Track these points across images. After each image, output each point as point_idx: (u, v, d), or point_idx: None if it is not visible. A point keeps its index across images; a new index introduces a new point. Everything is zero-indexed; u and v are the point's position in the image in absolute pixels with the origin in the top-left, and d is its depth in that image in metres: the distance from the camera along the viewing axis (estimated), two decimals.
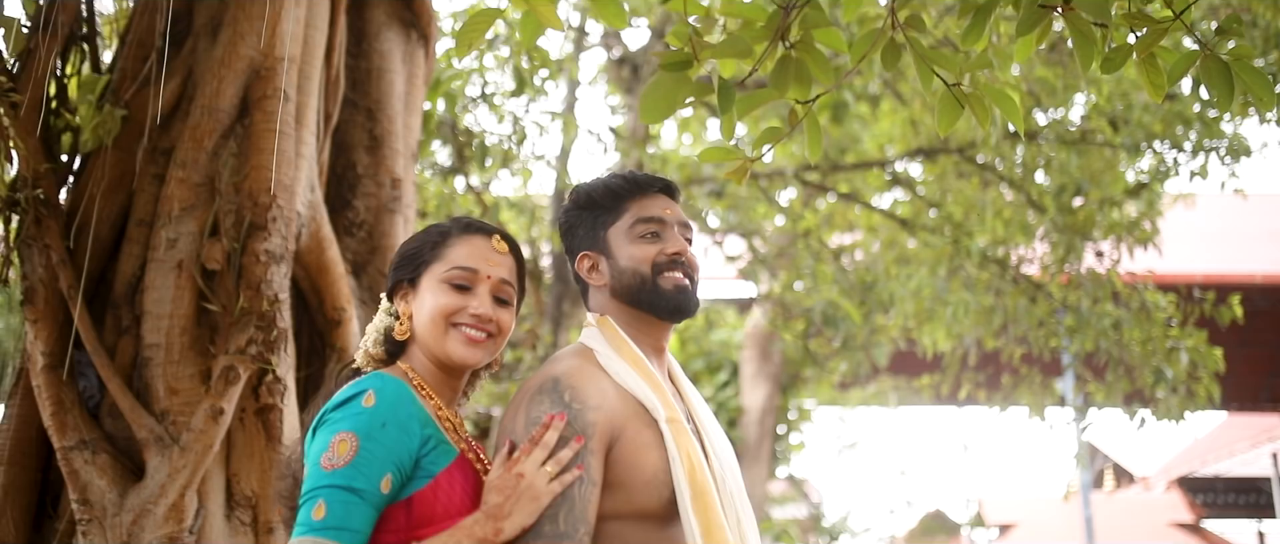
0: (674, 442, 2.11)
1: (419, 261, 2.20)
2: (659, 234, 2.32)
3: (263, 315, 3.60)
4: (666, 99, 3.22)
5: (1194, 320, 7.90)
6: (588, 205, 2.37)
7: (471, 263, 2.16)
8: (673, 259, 2.29)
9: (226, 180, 3.65)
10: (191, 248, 3.62)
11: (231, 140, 3.69)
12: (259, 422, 3.64)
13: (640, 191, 2.36)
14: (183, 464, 3.42)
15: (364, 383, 2.01)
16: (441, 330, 2.12)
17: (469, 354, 2.12)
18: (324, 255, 3.95)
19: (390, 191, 4.21)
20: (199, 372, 3.57)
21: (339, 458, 1.91)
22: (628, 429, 2.10)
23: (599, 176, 2.44)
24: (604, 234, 2.33)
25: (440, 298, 2.13)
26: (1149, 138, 8.04)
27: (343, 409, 1.97)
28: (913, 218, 8.79)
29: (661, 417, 2.13)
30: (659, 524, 2.10)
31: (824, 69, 3.20)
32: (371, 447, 1.92)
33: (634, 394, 2.14)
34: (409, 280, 2.21)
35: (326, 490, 1.89)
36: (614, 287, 2.30)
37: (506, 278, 2.19)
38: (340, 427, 1.94)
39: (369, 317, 4.16)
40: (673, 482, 2.08)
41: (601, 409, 2.07)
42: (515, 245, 2.27)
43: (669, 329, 2.35)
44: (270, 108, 3.69)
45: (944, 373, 9.98)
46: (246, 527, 3.63)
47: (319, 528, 1.86)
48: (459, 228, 2.23)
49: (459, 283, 2.14)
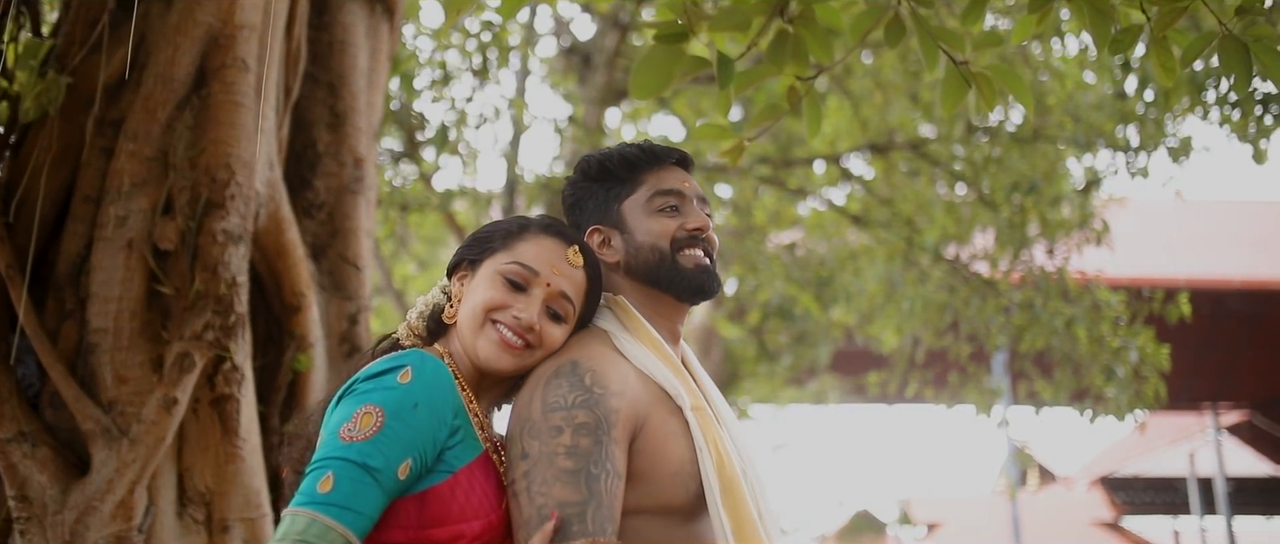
0: (700, 431, 1.95)
1: (487, 247, 2.02)
2: (678, 208, 2.15)
3: (220, 299, 3.37)
4: (660, 73, 3.07)
5: (1142, 318, 7.96)
6: (599, 176, 2.20)
7: (535, 264, 1.97)
8: (693, 235, 2.13)
9: (181, 155, 3.42)
10: (143, 226, 3.38)
11: (187, 112, 3.46)
12: (215, 413, 3.41)
13: (657, 162, 2.20)
14: (132, 458, 3.19)
15: (403, 358, 1.82)
16: (478, 324, 1.94)
17: (497, 357, 1.92)
18: (283, 237, 3.73)
19: (352, 171, 3.99)
20: (150, 359, 3.33)
21: (360, 431, 1.72)
22: (652, 417, 1.93)
23: (610, 147, 2.27)
24: (618, 207, 2.16)
25: (490, 290, 1.95)
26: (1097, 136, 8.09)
27: (375, 381, 1.78)
28: (864, 213, 8.74)
29: (686, 404, 1.97)
30: (683, 520, 1.94)
31: (823, 46, 3.08)
32: (397, 426, 1.73)
33: (655, 380, 1.98)
34: (471, 262, 2.03)
35: (339, 463, 1.69)
36: (629, 264, 2.13)
37: (568, 293, 1.99)
38: (368, 398, 1.75)
39: (329, 303, 3.95)
40: (700, 474, 1.93)
41: (624, 396, 1.90)
42: (593, 264, 2.06)
43: (686, 311, 2.19)
44: (229, 78, 3.46)
45: (891, 370, 9.97)
46: (200, 525, 3.40)
47: (321, 501, 1.67)
48: (539, 225, 2.04)
49: (514, 279, 1.95)
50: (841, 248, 9.13)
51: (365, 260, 4.02)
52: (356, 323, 3.95)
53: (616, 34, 7.46)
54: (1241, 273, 16.84)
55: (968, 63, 2.89)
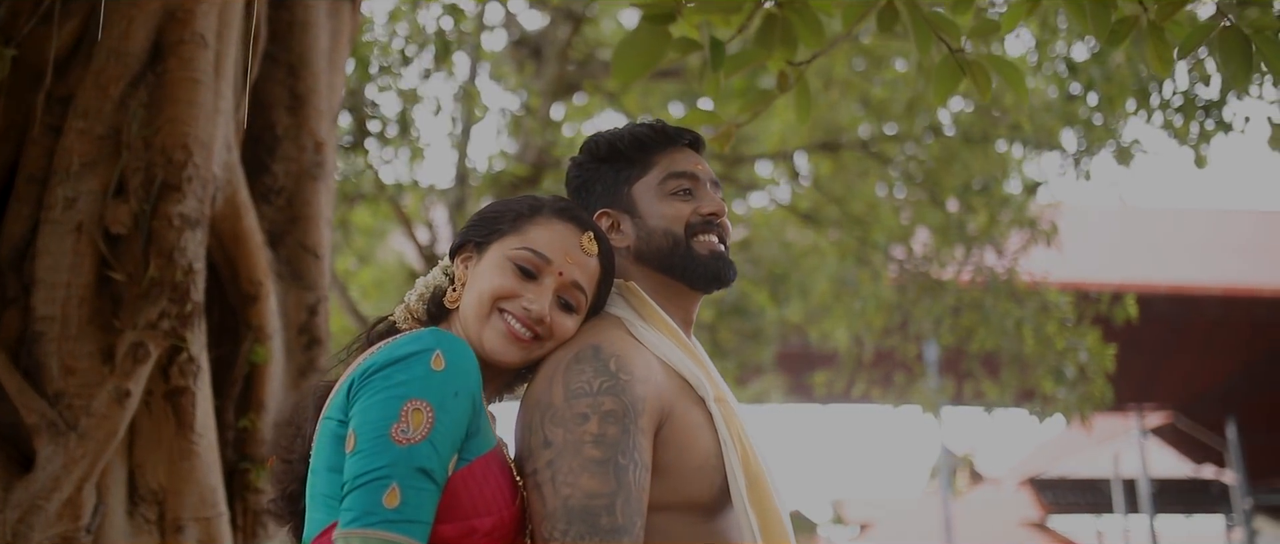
0: (725, 424, 1.85)
1: (495, 228, 1.87)
2: (691, 191, 2.03)
3: (176, 287, 3.20)
4: (644, 55, 2.96)
5: (1089, 320, 8.02)
6: (609, 157, 2.08)
7: (548, 251, 1.82)
8: (708, 220, 2.01)
9: (135, 134, 3.23)
10: (93, 208, 3.20)
11: (141, 89, 3.27)
12: (169, 406, 3.24)
13: (670, 143, 2.08)
14: (80, 454, 3.01)
15: (425, 340, 1.66)
16: (484, 312, 1.79)
17: (503, 349, 1.78)
18: (240, 223, 3.55)
19: (312, 156, 3.82)
20: (99, 349, 3.15)
21: (414, 431, 1.57)
22: (677, 408, 1.81)
23: (618, 127, 2.15)
24: (628, 190, 2.04)
25: (498, 277, 1.80)
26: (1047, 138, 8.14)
27: (404, 368, 1.62)
28: (814, 211, 8.71)
29: (709, 395, 1.86)
30: (705, 516, 1.82)
31: (814, 31, 2.99)
32: (446, 420, 1.60)
33: (676, 369, 1.87)
34: (477, 244, 1.88)
35: (403, 472, 1.55)
36: (640, 249, 2.01)
37: (582, 283, 1.84)
38: (409, 391, 1.60)
39: (287, 292, 3.78)
40: (724, 468, 1.82)
41: (650, 383, 1.78)
42: (608, 251, 1.92)
43: (699, 299, 2.08)
44: (187, 54, 3.28)
45: (837, 370, 9.95)
46: (151, 524, 3.23)
47: (393, 520, 1.52)
48: (552, 208, 1.88)
49: (525, 266, 1.81)
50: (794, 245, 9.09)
51: (325, 249, 3.86)
52: (316, 313, 3.78)
53: (569, 26, 7.34)
54: (1168, 278, 17.21)
55: (963, 51, 2.82)
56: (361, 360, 1.71)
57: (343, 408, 1.67)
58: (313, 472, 1.73)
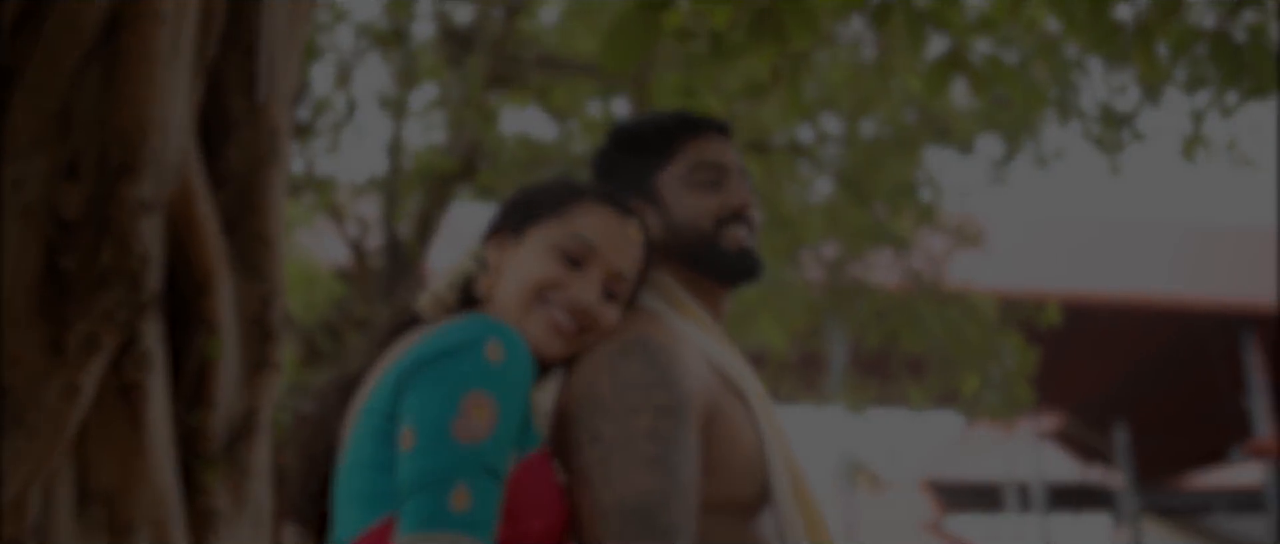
0: (766, 421, 1.79)
1: (533, 213, 1.76)
2: (719, 183, 1.95)
3: (131, 275, 3.03)
4: (635, 41, 2.89)
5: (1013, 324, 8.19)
6: (632, 146, 2.00)
7: (595, 238, 1.72)
8: (737, 213, 1.94)
9: (88, 111, 3.05)
10: (42, 190, 3.00)
11: (95, 64, 3.09)
12: (122, 402, 3.06)
13: (696, 131, 2.00)
14: (27, 452, 2.83)
15: (477, 328, 1.56)
16: (527, 302, 1.69)
17: (547, 341, 1.68)
18: (193, 210, 3.37)
19: (268, 141, 3.66)
20: (48, 340, 2.95)
21: (480, 428, 1.47)
22: (722, 404, 1.75)
23: (642, 114, 2.07)
24: (653, 180, 1.96)
25: (542, 265, 1.70)
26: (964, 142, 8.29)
27: (460, 359, 1.51)
28: None
29: (751, 391, 1.80)
30: (743, 517, 1.76)
31: (806, 25, 2.96)
32: (509, 415, 1.50)
33: (717, 364, 1.80)
34: (514, 229, 1.77)
35: (469, 471, 1.45)
36: (665, 242, 1.93)
37: (627, 273, 1.75)
38: (470, 384, 1.49)
39: (240, 283, 3.61)
40: (767, 467, 1.76)
41: (699, 378, 1.71)
42: (649, 243, 1.83)
43: (726, 294, 2.01)
44: (145, 29, 3.10)
45: (763, 370, 9.99)
46: (101, 526, 3.05)
47: (464, 522, 1.42)
48: (595, 194, 1.78)
49: (571, 254, 1.71)
50: None
51: (279, 238, 3.69)
52: (270, 305, 3.61)
53: (503, 16, 7.21)
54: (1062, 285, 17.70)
55: (963, 51, 2.82)
56: (404, 351, 1.61)
57: (389, 401, 1.57)
58: (346, 469, 1.62)
